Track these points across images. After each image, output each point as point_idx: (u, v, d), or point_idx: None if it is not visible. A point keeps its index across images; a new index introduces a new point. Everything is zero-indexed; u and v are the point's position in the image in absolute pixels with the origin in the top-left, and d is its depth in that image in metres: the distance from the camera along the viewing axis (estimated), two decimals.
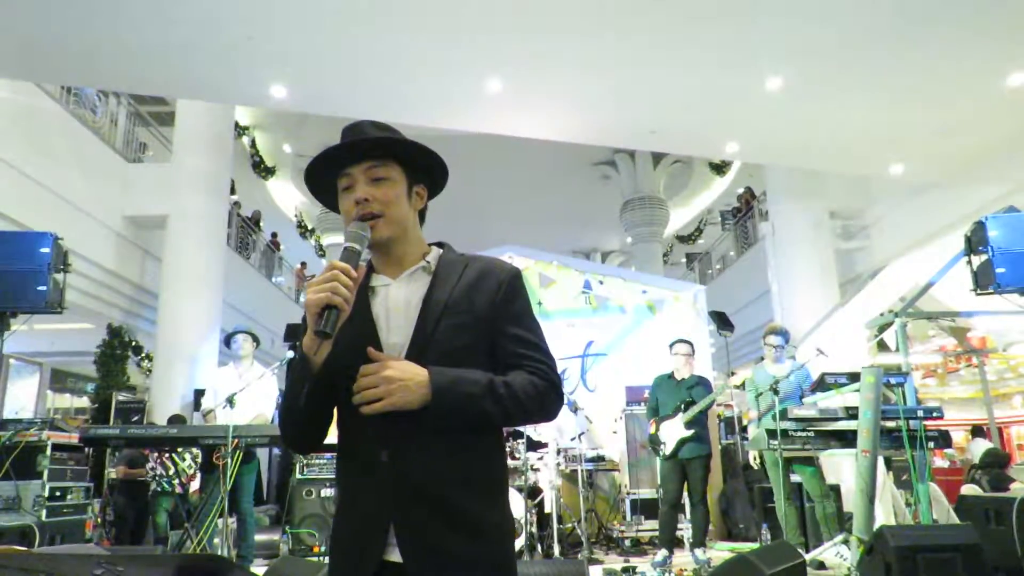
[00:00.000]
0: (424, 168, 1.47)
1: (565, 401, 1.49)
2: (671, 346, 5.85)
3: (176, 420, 7.28)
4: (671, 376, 5.73)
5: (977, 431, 10.08)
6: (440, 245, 1.50)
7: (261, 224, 15.50)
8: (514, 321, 1.39)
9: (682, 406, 5.45)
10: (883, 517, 5.03)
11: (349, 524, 1.32)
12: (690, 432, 5.39)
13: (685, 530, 6.17)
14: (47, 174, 7.98)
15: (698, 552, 5.27)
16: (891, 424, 4.77)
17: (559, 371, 1.51)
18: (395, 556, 1.25)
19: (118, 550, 4.32)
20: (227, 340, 5.58)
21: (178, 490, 6.80)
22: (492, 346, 1.38)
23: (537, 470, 6.36)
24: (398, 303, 1.38)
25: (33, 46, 6.18)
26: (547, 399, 1.35)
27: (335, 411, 1.39)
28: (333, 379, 1.32)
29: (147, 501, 7.11)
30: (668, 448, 5.47)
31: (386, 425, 1.27)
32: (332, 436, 1.41)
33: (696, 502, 5.37)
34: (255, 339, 5.55)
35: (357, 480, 1.33)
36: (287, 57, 6.54)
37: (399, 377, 1.24)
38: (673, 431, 5.47)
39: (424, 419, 1.26)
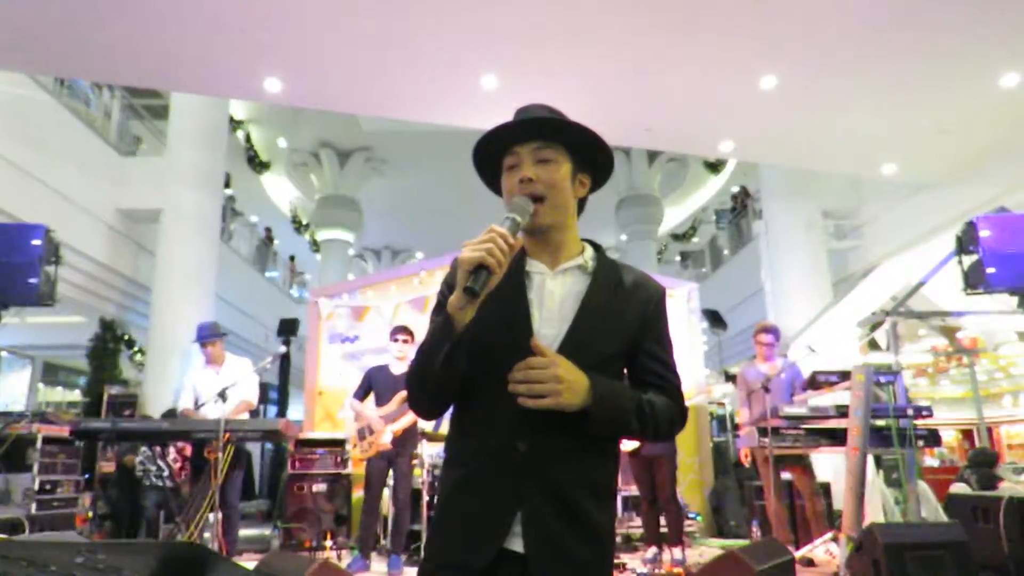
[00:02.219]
0: (591, 157, 1.46)
1: None
2: None
3: (171, 415, 7.26)
4: None
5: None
6: (592, 244, 1.50)
7: (275, 240, 15.47)
8: (657, 340, 1.43)
9: None
10: (872, 515, 5.06)
11: (472, 506, 1.31)
12: None
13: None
14: (40, 166, 7.95)
15: (676, 550, 5.24)
16: (881, 423, 4.79)
17: None
18: (515, 545, 1.26)
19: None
20: (202, 343, 5.50)
21: (167, 484, 6.79)
22: (631, 357, 1.41)
23: None
24: (553, 295, 1.38)
25: (27, 38, 6.15)
26: (676, 423, 1.42)
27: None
28: (478, 354, 1.31)
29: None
30: (629, 443, 5.40)
31: (528, 416, 1.27)
32: (327, 432, 1.41)
33: (666, 500, 5.31)
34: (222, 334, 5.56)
35: (486, 463, 1.31)
36: (281, 51, 6.53)
37: (568, 378, 1.25)
38: None
39: (566, 419, 1.27)
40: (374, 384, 5.43)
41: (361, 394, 5.46)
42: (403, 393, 5.01)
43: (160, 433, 4.67)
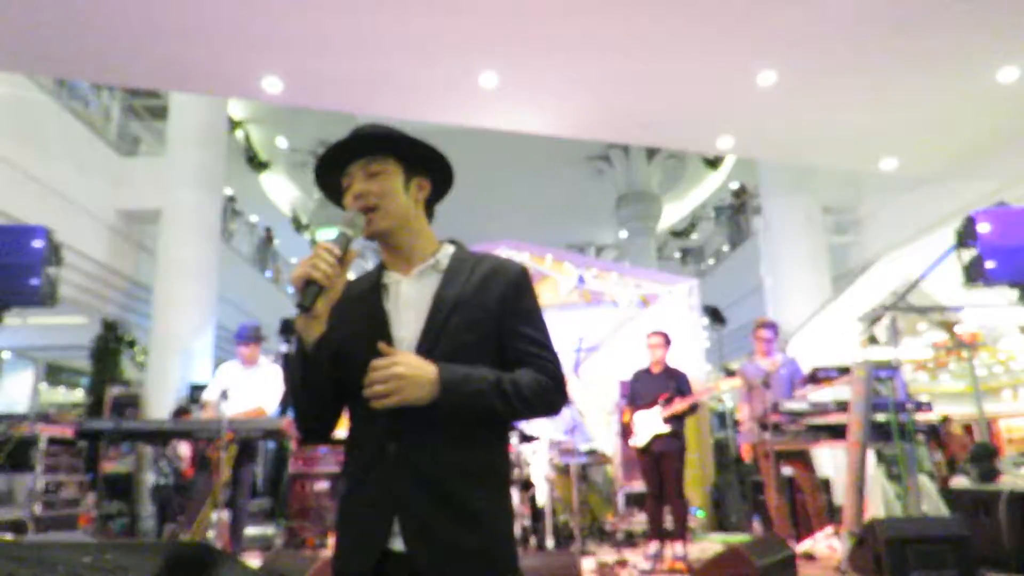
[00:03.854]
0: (421, 161, 1.49)
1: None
2: (647, 337, 5.78)
3: (181, 413, 7.29)
4: (648, 370, 5.69)
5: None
6: (452, 242, 1.54)
7: (275, 240, 15.47)
8: (522, 319, 1.44)
9: (661, 401, 5.40)
10: (873, 509, 5.07)
11: (355, 513, 1.35)
12: (666, 429, 5.34)
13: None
14: (40, 167, 7.96)
15: (678, 546, 5.27)
16: (881, 417, 4.81)
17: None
18: (399, 545, 1.29)
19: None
20: (239, 342, 5.50)
21: (171, 482, 6.81)
22: (500, 343, 1.42)
23: (529, 464, 6.40)
24: (409, 299, 1.42)
25: (25, 39, 6.15)
26: (552, 396, 1.40)
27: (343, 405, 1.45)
28: (342, 370, 1.36)
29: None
30: (641, 439, 5.44)
31: (394, 417, 1.30)
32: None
33: (672, 496, 5.35)
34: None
35: (364, 470, 1.35)
36: (280, 51, 6.53)
37: (409, 374, 1.27)
38: (647, 422, 5.45)
39: (431, 413, 1.30)
40: None
41: None
42: None
43: (163, 433, 4.68)
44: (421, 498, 1.29)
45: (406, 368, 1.27)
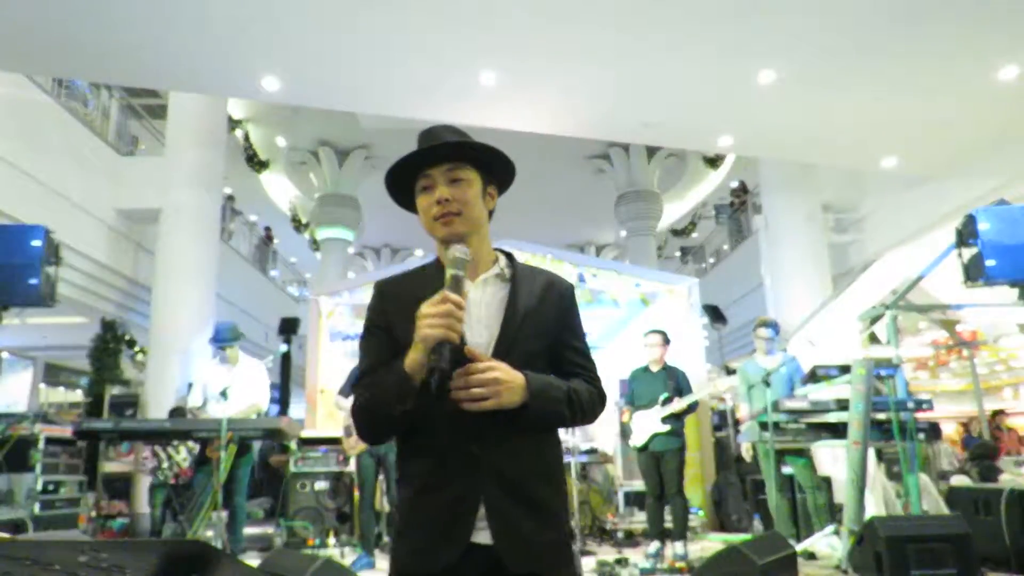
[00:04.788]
0: (495, 170, 1.59)
1: None
2: (644, 336, 5.78)
3: (177, 413, 7.28)
4: (646, 369, 5.69)
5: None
6: (503, 252, 1.60)
7: (275, 239, 15.43)
8: (573, 333, 1.58)
9: (660, 400, 5.40)
10: (873, 508, 5.07)
11: (435, 510, 1.38)
12: (665, 428, 5.35)
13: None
14: (39, 167, 7.95)
15: (678, 545, 5.27)
16: (882, 416, 4.80)
17: None
18: (482, 538, 1.35)
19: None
20: (219, 343, 5.50)
21: (171, 481, 6.80)
22: (552, 352, 1.53)
23: None
24: (478, 304, 1.49)
25: (24, 38, 6.14)
26: (598, 407, 1.56)
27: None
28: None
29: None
30: (640, 439, 5.45)
31: (475, 419, 1.36)
32: (329, 431, 1.43)
33: (672, 495, 5.34)
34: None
35: (442, 468, 1.40)
36: (279, 49, 6.52)
37: (506, 379, 1.35)
38: (647, 422, 5.45)
39: (514, 417, 1.38)
40: None
41: (348, 391, 5.49)
42: None
43: (163, 433, 4.68)
44: (504, 496, 1.37)
45: (503, 374, 1.35)
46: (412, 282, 1.55)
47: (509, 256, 1.60)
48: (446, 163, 1.50)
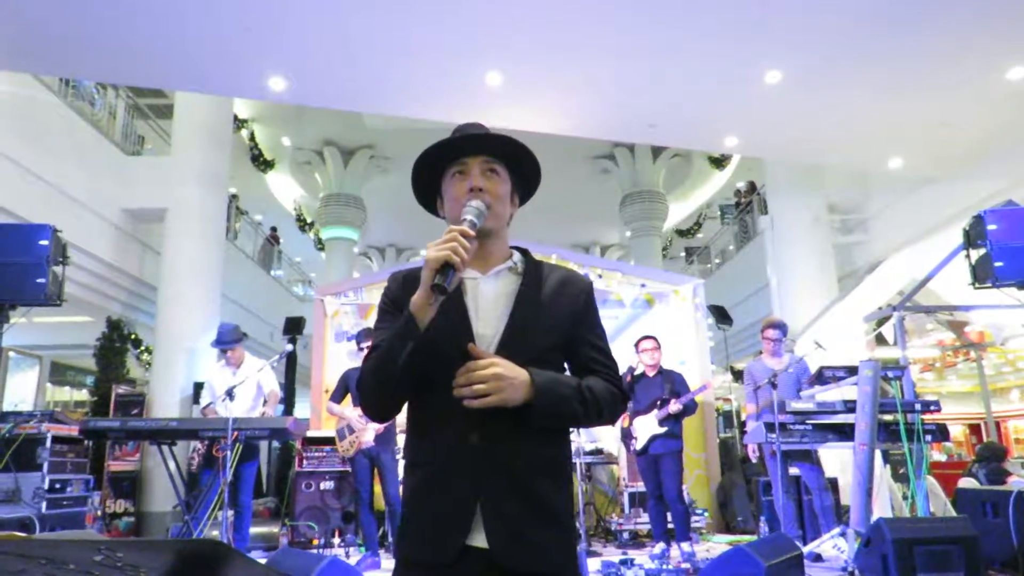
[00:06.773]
0: (525, 173, 1.58)
1: None
2: (636, 344, 5.85)
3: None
4: (644, 373, 5.74)
5: None
6: (519, 250, 1.59)
7: (280, 240, 15.41)
8: (591, 329, 1.53)
9: (658, 403, 5.44)
10: (880, 510, 5.05)
11: (435, 503, 1.36)
12: (662, 429, 5.38)
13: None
14: (45, 167, 7.96)
15: (683, 546, 5.28)
16: (889, 418, 4.78)
17: None
18: (478, 541, 1.31)
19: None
20: (221, 345, 5.52)
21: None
22: (568, 348, 1.50)
23: None
24: (487, 297, 1.47)
25: (30, 38, 6.16)
26: (617, 406, 1.50)
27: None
28: (425, 358, 1.37)
29: None
30: (640, 443, 5.48)
31: (478, 411, 1.33)
32: (329, 430, 1.43)
33: (672, 498, 5.35)
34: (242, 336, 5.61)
35: (444, 461, 1.37)
36: (285, 50, 6.53)
37: (508, 376, 1.32)
38: (646, 426, 5.48)
39: (522, 414, 1.34)
40: (351, 386, 5.48)
41: (338, 396, 5.56)
42: None
43: (169, 432, 4.69)
44: (505, 491, 1.33)
45: (504, 370, 1.32)
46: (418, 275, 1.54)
47: (525, 252, 1.59)
48: (484, 154, 1.49)
